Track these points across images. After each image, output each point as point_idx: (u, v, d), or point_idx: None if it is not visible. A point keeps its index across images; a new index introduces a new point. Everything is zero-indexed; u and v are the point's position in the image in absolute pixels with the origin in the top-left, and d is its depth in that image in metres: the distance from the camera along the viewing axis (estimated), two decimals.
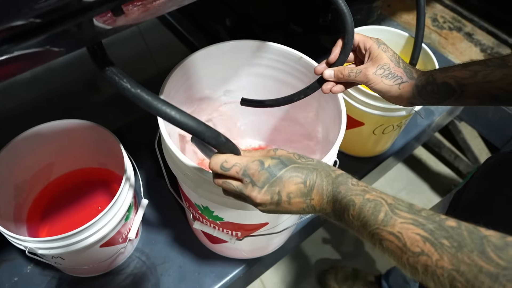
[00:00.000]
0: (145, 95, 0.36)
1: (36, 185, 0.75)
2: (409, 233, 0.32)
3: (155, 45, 1.69)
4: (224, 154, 0.41)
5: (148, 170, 0.87)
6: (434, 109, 1.04)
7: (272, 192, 0.40)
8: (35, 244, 0.58)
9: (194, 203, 0.63)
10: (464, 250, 0.29)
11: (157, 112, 0.37)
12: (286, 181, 0.39)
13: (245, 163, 0.40)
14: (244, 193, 0.41)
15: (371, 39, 0.54)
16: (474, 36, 1.17)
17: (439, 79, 0.50)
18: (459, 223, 0.31)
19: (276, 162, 0.40)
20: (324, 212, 0.40)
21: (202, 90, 0.73)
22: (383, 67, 0.52)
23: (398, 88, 0.52)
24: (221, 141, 0.40)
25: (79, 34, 0.33)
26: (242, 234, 0.66)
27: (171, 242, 0.79)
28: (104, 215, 0.59)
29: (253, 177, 0.40)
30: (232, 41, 0.67)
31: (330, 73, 0.55)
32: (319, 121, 0.70)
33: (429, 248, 0.31)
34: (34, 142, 0.69)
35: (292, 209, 0.41)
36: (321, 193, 0.39)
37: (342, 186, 0.38)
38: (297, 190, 0.40)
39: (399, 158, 1.11)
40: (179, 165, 0.56)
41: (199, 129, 0.38)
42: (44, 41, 0.30)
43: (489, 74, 0.47)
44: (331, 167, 0.41)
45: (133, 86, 0.36)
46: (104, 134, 0.68)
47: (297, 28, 1.13)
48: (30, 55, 0.30)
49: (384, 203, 0.35)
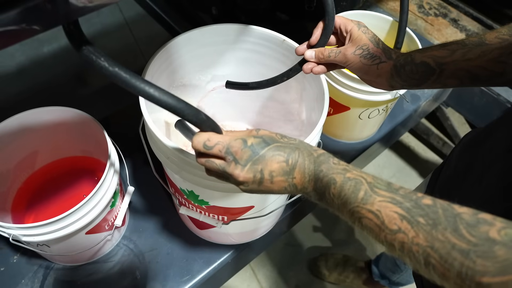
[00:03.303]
0: (123, 73, 0.36)
1: (21, 174, 0.75)
2: (387, 211, 0.33)
3: (143, 36, 1.68)
4: (207, 132, 0.41)
5: (135, 159, 0.86)
6: (420, 94, 1.04)
7: (255, 170, 0.40)
8: (18, 231, 0.57)
9: (179, 187, 0.63)
10: (438, 228, 0.30)
11: (136, 90, 0.36)
12: (268, 160, 0.39)
13: (227, 141, 0.40)
14: (227, 171, 0.41)
15: (352, 22, 0.54)
16: (460, 22, 1.18)
17: (417, 59, 0.50)
18: (434, 201, 0.32)
19: (258, 140, 0.40)
20: (305, 192, 0.40)
21: (185, 75, 0.73)
22: (362, 48, 0.52)
23: (377, 68, 0.52)
24: (202, 119, 0.40)
25: (52, 10, 0.33)
26: (229, 218, 0.66)
27: (158, 229, 0.79)
28: (88, 201, 0.59)
29: (236, 155, 0.40)
30: (214, 25, 0.67)
31: (311, 53, 0.55)
32: (303, 103, 0.70)
33: (406, 226, 0.31)
34: (17, 130, 0.68)
35: (274, 188, 0.41)
36: (303, 172, 0.39)
37: (324, 165, 0.38)
38: (279, 169, 0.40)
39: (386, 144, 1.12)
40: (162, 149, 0.55)
41: (178, 106, 0.37)
42: (15, 17, 0.30)
43: (467, 52, 0.47)
44: (312, 147, 0.41)
45: (111, 65, 0.36)
46: (88, 122, 0.68)
47: (283, 16, 1.13)
48: (1, 33, 0.30)
49: (364, 182, 0.35)
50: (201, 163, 0.43)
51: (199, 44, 0.68)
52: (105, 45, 1.66)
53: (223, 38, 0.69)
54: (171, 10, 1.26)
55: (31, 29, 0.32)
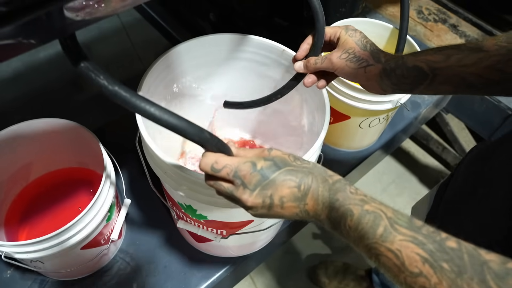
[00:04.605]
0: (123, 92, 0.35)
1: (14, 187, 0.73)
2: (408, 252, 0.31)
3: (140, 41, 1.66)
4: (214, 153, 0.39)
5: (132, 170, 0.85)
6: (420, 101, 1.03)
7: (264, 195, 0.38)
8: (11, 248, 0.56)
9: (177, 201, 0.62)
10: (464, 277, 0.28)
11: (136, 109, 0.35)
12: (279, 184, 0.38)
13: (236, 164, 0.38)
14: (235, 195, 0.39)
15: (340, 28, 0.53)
16: (459, 28, 1.17)
17: (410, 63, 0.47)
18: (459, 244, 0.30)
19: (269, 164, 0.38)
20: (318, 218, 0.38)
21: (184, 85, 0.71)
22: (348, 51, 0.50)
23: (364, 72, 0.49)
24: (205, 138, 0.38)
25: (48, 24, 0.31)
26: (227, 232, 0.65)
27: (156, 242, 0.77)
28: (83, 216, 0.57)
29: (244, 179, 0.38)
30: (213, 35, 0.65)
31: (300, 65, 0.55)
32: (304, 113, 0.69)
33: (428, 270, 0.30)
34: (11, 142, 0.66)
35: (285, 214, 0.39)
36: (316, 199, 0.37)
37: (340, 194, 0.36)
38: (290, 194, 0.38)
39: (387, 151, 1.11)
40: (159, 164, 0.54)
41: (180, 125, 0.35)
42: (10, 32, 0.28)
43: (463, 58, 0.45)
44: (327, 172, 0.39)
45: (110, 83, 0.34)
46: (83, 133, 0.66)
47: (281, 22, 1.12)
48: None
49: (383, 217, 0.33)
50: (209, 184, 0.41)
51: (197, 54, 0.67)
52: (102, 49, 1.64)
53: (222, 47, 0.67)
54: (169, 16, 1.24)
55: (27, 44, 0.31)
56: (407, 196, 1.48)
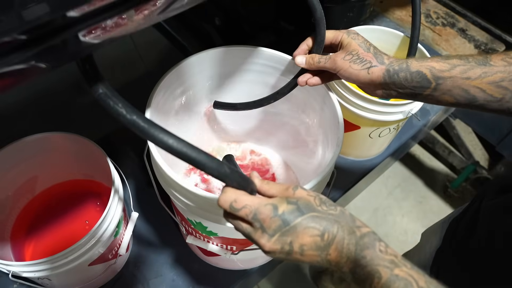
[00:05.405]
0: (141, 122, 0.33)
1: (20, 201, 0.72)
2: None
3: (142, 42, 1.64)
4: (235, 190, 0.37)
5: (138, 179, 0.83)
6: (429, 108, 1.02)
7: (283, 242, 0.36)
8: (18, 268, 0.55)
9: (187, 218, 0.60)
10: None
11: (153, 140, 0.33)
12: (300, 232, 0.36)
13: (256, 206, 0.36)
14: (253, 237, 0.37)
15: (341, 32, 0.53)
16: (468, 32, 1.15)
17: (413, 67, 0.46)
18: None
19: (292, 208, 0.36)
20: (340, 270, 0.36)
21: (191, 97, 0.70)
22: (352, 53, 0.50)
23: (367, 73, 0.49)
24: (225, 173, 0.36)
25: (64, 48, 0.31)
26: (238, 248, 0.64)
27: (163, 255, 0.76)
28: (91, 235, 0.56)
29: (263, 223, 0.36)
30: (223, 47, 0.64)
31: (302, 60, 0.55)
32: (318, 126, 0.68)
33: None
34: (16, 156, 0.65)
35: (305, 260, 0.37)
36: (341, 251, 0.35)
37: (368, 251, 0.34)
38: (312, 243, 0.36)
39: (396, 158, 1.09)
40: (169, 182, 0.53)
41: (199, 158, 0.34)
42: (27, 57, 0.28)
43: (468, 70, 0.44)
44: (355, 221, 0.37)
45: (129, 112, 0.33)
46: (89, 146, 0.65)
47: (288, 26, 1.10)
48: (12, 72, 0.28)
49: (414, 285, 0.32)
50: (227, 220, 0.39)
51: (206, 67, 0.66)
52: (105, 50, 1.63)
53: (232, 60, 0.66)
54: (173, 20, 1.22)
55: (43, 68, 0.31)
56: (413, 200, 1.47)
